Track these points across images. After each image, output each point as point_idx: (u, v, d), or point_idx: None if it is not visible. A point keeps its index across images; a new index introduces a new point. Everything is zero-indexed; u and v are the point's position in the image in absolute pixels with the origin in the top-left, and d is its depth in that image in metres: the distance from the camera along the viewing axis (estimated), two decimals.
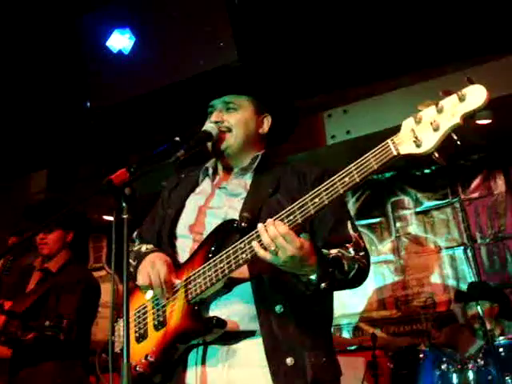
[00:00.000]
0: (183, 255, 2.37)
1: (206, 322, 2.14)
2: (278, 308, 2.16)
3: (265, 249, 1.99)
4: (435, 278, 6.17)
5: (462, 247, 6.18)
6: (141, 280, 2.26)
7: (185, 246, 2.39)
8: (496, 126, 5.45)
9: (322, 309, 2.35)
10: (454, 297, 5.64)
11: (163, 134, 6.20)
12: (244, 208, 2.32)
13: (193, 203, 2.51)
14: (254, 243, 2.03)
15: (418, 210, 6.42)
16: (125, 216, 1.95)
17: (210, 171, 2.57)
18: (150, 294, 2.36)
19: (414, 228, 6.39)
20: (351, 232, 2.28)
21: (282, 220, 2.03)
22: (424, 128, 1.84)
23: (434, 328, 5.72)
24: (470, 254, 6.13)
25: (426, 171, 6.47)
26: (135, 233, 2.51)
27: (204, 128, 2.42)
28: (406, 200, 6.51)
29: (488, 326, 4.64)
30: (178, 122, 2.81)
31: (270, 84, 2.70)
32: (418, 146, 1.84)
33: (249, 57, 4.98)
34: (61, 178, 7.44)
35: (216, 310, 2.19)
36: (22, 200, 7.33)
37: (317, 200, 2.00)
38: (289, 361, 2.10)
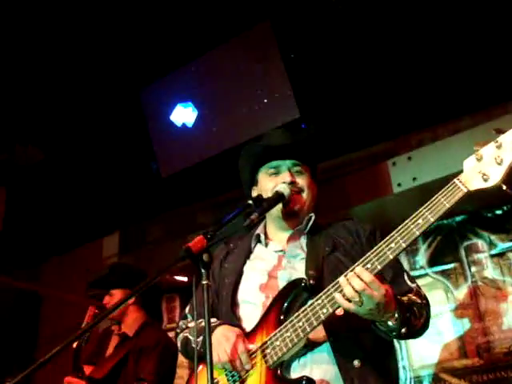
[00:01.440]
0: (249, 322, 2.39)
1: (293, 383, 2.13)
2: (356, 362, 2.18)
3: (348, 300, 2.02)
4: None
5: None
6: (216, 357, 2.23)
7: (250, 313, 2.42)
8: None
9: (392, 360, 2.39)
10: None
11: (229, 192, 6.35)
12: (308, 267, 2.38)
13: (254, 269, 2.56)
14: (337, 295, 2.05)
15: (493, 252, 6.22)
16: (204, 282, 1.99)
17: (263, 237, 2.63)
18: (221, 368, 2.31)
19: (491, 272, 6.18)
20: (409, 283, 2.36)
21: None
22: (488, 164, 2.02)
23: None
24: None
25: (498, 212, 6.30)
26: (187, 308, 2.53)
27: (277, 189, 2.47)
28: (480, 243, 6.32)
29: None
30: (240, 181, 2.89)
31: (322, 154, 2.83)
32: (486, 180, 2.02)
33: (311, 112, 5.06)
34: (131, 241, 7.59)
35: (297, 373, 2.19)
36: (95, 264, 7.52)
37: (393, 245, 2.07)
38: None
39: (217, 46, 5.54)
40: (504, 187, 2.01)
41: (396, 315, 2.08)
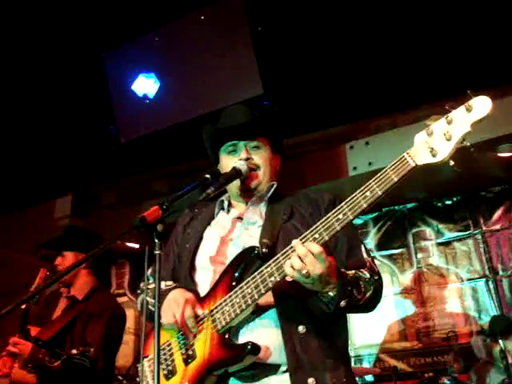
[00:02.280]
0: (203, 287, 2.42)
1: (240, 348, 2.17)
2: (301, 328, 2.22)
3: (294, 269, 2.05)
4: (457, 310, 6.11)
5: (484, 279, 6.13)
6: (165, 320, 2.29)
7: (205, 278, 2.44)
8: None
9: (340, 330, 2.40)
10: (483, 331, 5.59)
11: (186, 163, 6.34)
12: (263, 235, 2.40)
13: (211, 235, 2.59)
14: (286, 263, 2.08)
15: (440, 241, 6.39)
16: (157, 252, 2.00)
17: (226, 204, 2.67)
18: (173, 331, 2.37)
19: (436, 259, 6.36)
20: (365, 256, 2.37)
21: (307, 239, 2.10)
22: (437, 139, 2.00)
23: (456, 361, 5.68)
24: (491, 286, 6.07)
25: (448, 202, 6.46)
26: (149, 271, 2.54)
27: (234, 165, 2.50)
28: (428, 231, 6.49)
29: (510, 360, 4.61)
30: (199, 153, 2.91)
31: (283, 128, 2.84)
32: (434, 155, 2.00)
33: (273, 89, 5.06)
34: (84, 204, 7.52)
35: (245, 337, 2.24)
36: (46, 225, 7.44)
37: (341, 216, 2.09)
38: (311, 381, 2.14)
39: (185, 15, 5.47)
40: (452, 163, 2.00)
41: (336, 288, 2.11)
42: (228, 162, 2.60)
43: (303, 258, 2.03)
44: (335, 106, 5.73)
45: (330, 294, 2.12)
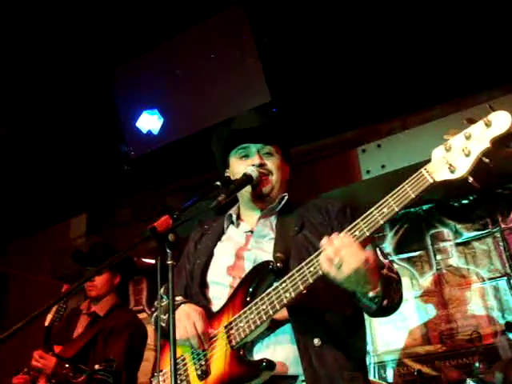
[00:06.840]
0: (217, 302, 2.39)
1: (254, 365, 2.13)
2: (316, 341, 2.18)
3: (329, 263, 2.01)
4: (479, 311, 6.01)
5: (506, 278, 6.00)
6: (178, 334, 2.25)
7: (219, 293, 2.42)
8: None
9: (357, 341, 2.37)
10: (506, 328, 5.48)
11: (199, 176, 6.33)
12: (276, 249, 2.38)
13: (225, 250, 2.56)
14: (321, 256, 2.05)
15: (458, 241, 6.30)
16: (169, 262, 1.98)
17: (234, 217, 2.64)
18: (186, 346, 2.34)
19: (455, 260, 6.27)
20: (382, 259, 2.32)
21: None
22: (455, 155, 1.97)
23: (481, 362, 5.59)
24: None
25: (464, 202, 6.38)
26: (162, 289, 2.51)
27: (245, 171, 2.47)
28: (446, 232, 6.40)
29: None
30: (211, 165, 2.89)
31: (292, 136, 2.83)
32: (453, 171, 1.97)
33: (282, 96, 5.05)
34: (99, 223, 7.54)
35: (260, 353, 2.20)
36: (62, 245, 7.46)
37: (357, 233, 2.06)
38: None
39: (189, 28, 5.47)
40: (470, 179, 1.97)
41: (379, 287, 2.06)
42: (239, 166, 2.59)
43: (338, 249, 1.99)
44: (345, 110, 5.70)
45: (370, 294, 2.06)
